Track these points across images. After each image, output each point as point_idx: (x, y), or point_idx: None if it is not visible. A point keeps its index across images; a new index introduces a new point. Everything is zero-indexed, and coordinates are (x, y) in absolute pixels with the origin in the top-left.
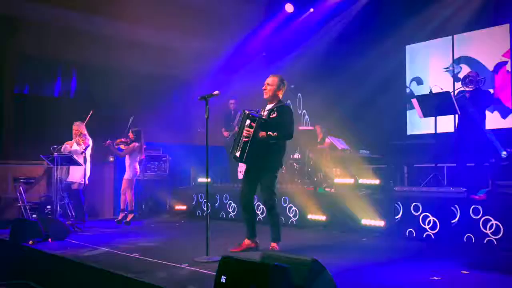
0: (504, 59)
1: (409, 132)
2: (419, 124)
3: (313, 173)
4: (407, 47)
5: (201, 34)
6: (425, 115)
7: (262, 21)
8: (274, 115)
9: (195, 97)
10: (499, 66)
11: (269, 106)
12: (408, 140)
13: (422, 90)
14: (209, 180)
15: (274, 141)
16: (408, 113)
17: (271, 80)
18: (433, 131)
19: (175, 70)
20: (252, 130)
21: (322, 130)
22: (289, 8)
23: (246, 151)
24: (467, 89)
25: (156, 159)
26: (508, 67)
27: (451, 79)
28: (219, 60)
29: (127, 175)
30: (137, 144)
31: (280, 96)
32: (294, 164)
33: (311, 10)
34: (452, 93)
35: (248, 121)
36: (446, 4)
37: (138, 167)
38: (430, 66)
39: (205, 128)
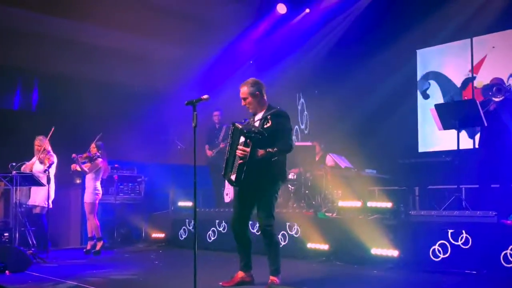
0: None
1: (421, 150)
2: (432, 140)
3: (312, 196)
4: (419, 51)
5: (181, 40)
6: (446, 127)
7: (251, 24)
8: (268, 125)
9: (174, 110)
10: None
11: (259, 115)
12: (420, 159)
13: (435, 100)
14: (190, 204)
15: (275, 158)
16: (420, 127)
17: (244, 92)
18: (448, 148)
19: (152, 80)
20: (248, 149)
21: (321, 147)
22: (281, 8)
23: (243, 174)
24: (495, 99)
25: (129, 180)
26: None
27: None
28: (202, 68)
29: (88, 198)
30: (101, 160)
31: (266, 99)
32: (289, 185)
33: (307, 10)
34: (478, 102)
35: (242, 139)
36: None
37: (100, 187)
38: (446, 72)
39: (193, 139)
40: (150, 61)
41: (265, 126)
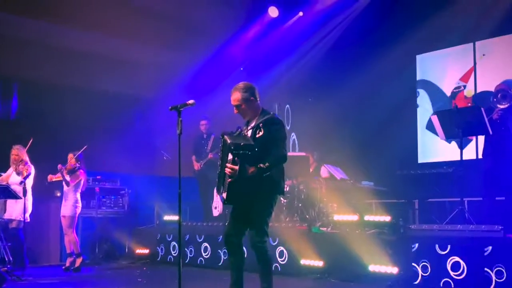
0: None
1: (420, 160)
2: (432, 150)
3: (305, 209)
4: (418, 57)
5: (168, 45)
6: (448, 136)
7: (241, 28)
8: (260, 134)
9: (160, 118)
10: None
11: (252, 123)
12: (420, 170)
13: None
14: (177, 218)
15: (267, 173)
16: (420, 136)
17: (236, 98)
18: (449, 158)
19: (137, 87)
20: (237, 167)
21: (314, 158)
22: (273, 12)
23: (234, 192)
24: (500, 106)
25: (112, 193)
26: None
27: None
28: (190, 74)
29: (68, 211)
30: (82, 171)
31: (258, 103)
32: (282, 198)
33: (300, 14)
34: (483, 109)
35: (230, 156)
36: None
37: (80, 200)
38: (447, 78)
39: (178, 148)
40: (135, 66)
41: (257, 136)
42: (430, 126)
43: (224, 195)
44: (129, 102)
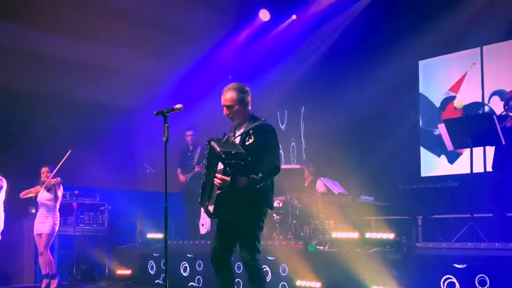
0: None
1: (423, 174)
2: (437, 163)
3: (299, 226)
4: (421, 62)
5: (151, 51)
6: (457, 145)
7: (229, 33)
8: (250, 141)
9: (143, 129)
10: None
11: (240, 129)
12: (423, 184)
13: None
14: (161, 236)
15: (261, 184)
16: (423, 149)
17: (230, 98)
18: (454, 171)
19: (118, 96)
20: (228, 178)
21: (310, 171)
22: (264, 15)
23: (223, 205)
24: None
25: (91, 209)
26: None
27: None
28: (175, 82)
29: (46, 228)
30: (61, 186)
31: (249, 108)
32: (274, 215)
33: (294, 17)
34: (495, 117)
35: (220, 165)
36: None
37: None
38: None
39: (164, 158)
40: (115, 74)
41: (246, 143)
42: (427, 143)
43: (211, 208)
44: (109, 111)
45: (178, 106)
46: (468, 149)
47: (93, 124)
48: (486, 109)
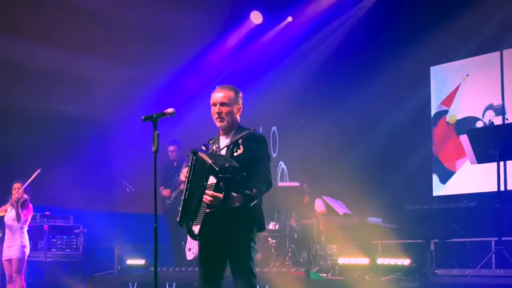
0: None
1: (435, 193)
2: (451, 180)
3: (298, 251)
4: (432, 68)
5: (132, 59)
6: (481, 159)
7: (217, 38)
8: (239, 152)
9: (122, 143)
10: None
11: (225, 139)
12: (436, 204)
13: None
14: (143, 262)
15: (255, 202)
16: (435, 165)
17: (227, 96)
18: (472, 190)
19: (94, 107)
20: (221, 195)
21: (306, 189)
22: (255, 17)
23: (211, 225)
24: None
25: (64, 232)
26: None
27: None
28: (156, 92)
29: (16, 253)
30: (31, 205)
31: (238, 117)
32: (269, 238)
33: (289, 19)
34: None
35: (212, 179)
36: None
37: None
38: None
39: (153, 171)
40: (91, 84)
41: (235, 154)
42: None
43: (196, 228)
44: (85, 124)
45: (170, 110)
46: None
47: (67, 139)
48: (480, 124)
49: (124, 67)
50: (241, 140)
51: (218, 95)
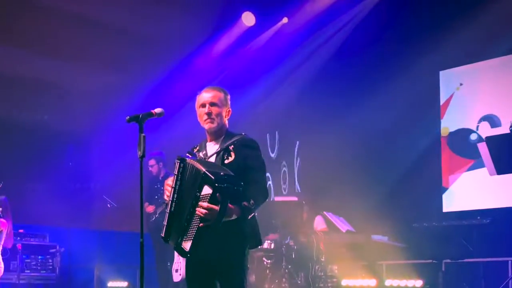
0: None
1: (446, 209)
2: (462, 195)
3: (295, 273)
4: (442, 73)
5: (111, 65)
6: (502, 170)
7: (206, 40)
8: (230, 159)
9: (101, 155)
10: None
11: (213, 145)
12: (446, 221)
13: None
14: (125, 284)
15: (252, 214)
16: (445, 178)
17: (216, 96)
18: (485, 206)
19: (71, 116)
20: (217, 207)
21: (305, 205)
22: (247, 19)
23: (204, 241)
24: None
25: (39, 251)
26: None
27: None
28: (138, 101)
29: None
30: (4, 221)
31: (227, 123)
32: (264, 258)
33: (285, 20)
34: None
35: (206, 189)
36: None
37: (2, 260)
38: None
39: (139, 182)
40: (67, 92)
41: (226, 162)
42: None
43: (187, 245)
44: (61, 136)
45: (158, 110)
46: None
47: (41, 152)
48: (475, 137)
49: (104, 73)
50: (232, 146)
51: (207, 95)
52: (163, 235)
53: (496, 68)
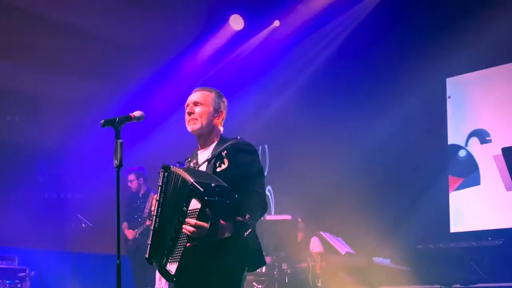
0: None
1: (453, 229)
2: (471, 214)
3: None
4: (449, 80)
5: (85, 74)
6: None
7: (190, 46)
8: (223, 167)
9: (75, 171)
10: None
11: (204, 152)
12: (454, 243)
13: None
14: None
15: (248, 231)
16: (453, 196)
17: (205, 96)
18: (497, 226)
19: (42, 130)
20: (207, 224)
21: (300, 225)
22: (235, 22)
23: (192, 264)
24: None
25: (7, 275)
26: None
27: None
28: (115, 113)
29: None
30: None
31: (220, 127)
32: (255, 283)
33: (276, 23)
34: None
35: (194, 203)
36: None
37: None
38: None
39: (116, 198)
40: (37, 102)
41: (218, 170)
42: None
43: (173, 267)
44: (31, 149)
45: (137, 113)
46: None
47: (8, 166)
48: (463, 153)
49: (79, 81)
50: (225, 152)
51: (192, 95)
52: (147, 256)
53: (484, 79)
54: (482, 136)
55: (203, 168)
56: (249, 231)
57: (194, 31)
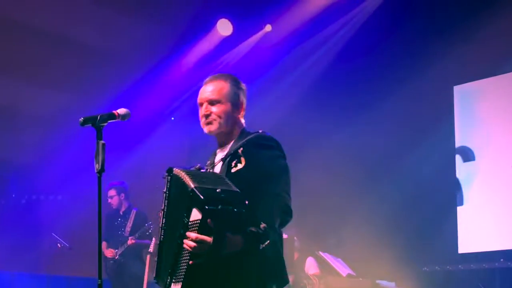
0: None
1: (461, 250)
2: (481, 234)
3: None
4: (456, 88)
5: (62, 85)
6: None
7: (174, 52)
8: (239, 167)
9: (50, 188)
10: None
11: (224, 150)
12: (462, 264)
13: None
14: None
15: (265, 244)
16: (461, 214)
17: (218, 89)
18: (509, 247)
19: (13, 148)
20: (210, 239)
21: (295, 245)
22: (224, 27)
23: (197, 284)
24: None
25: None
26: None
27: None
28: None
29: None
30: None
31: (242, 119)
32: None
33: (268, 28)
34: None
35: (196, 214)
36: None
37: None
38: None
39: (98, 206)
40: (8, 117)
41: (233, 170)
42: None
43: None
44: (2, 165)
45: (122, 111)
46: None
47: None
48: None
49: (56, 92)
50: (241, 148)
51: (205, 89)
52: (154, 275)
53: (470, 93)
54: (465, 153)
55: (217, 169)
56: (267, 242)
57: (178, 37)
